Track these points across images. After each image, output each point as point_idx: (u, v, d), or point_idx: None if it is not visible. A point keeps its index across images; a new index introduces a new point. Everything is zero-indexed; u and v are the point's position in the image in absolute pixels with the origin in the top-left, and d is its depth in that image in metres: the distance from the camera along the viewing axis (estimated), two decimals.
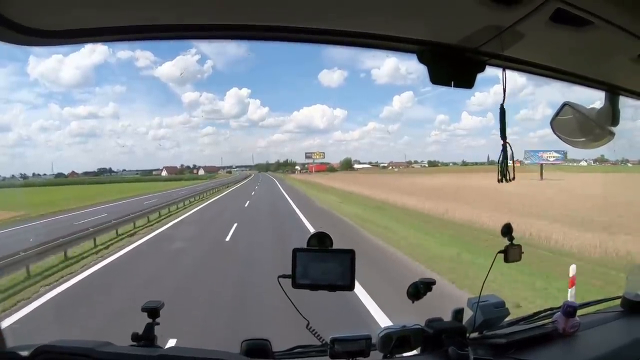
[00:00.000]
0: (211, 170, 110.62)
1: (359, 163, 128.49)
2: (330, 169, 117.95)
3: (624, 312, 1.49)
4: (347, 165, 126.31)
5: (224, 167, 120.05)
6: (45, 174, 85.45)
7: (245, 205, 22.25)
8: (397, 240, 10.83)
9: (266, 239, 11.55)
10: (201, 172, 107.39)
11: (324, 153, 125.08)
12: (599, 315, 1.48)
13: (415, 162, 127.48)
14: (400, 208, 19.85)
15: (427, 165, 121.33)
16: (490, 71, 1.10)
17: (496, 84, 1.20)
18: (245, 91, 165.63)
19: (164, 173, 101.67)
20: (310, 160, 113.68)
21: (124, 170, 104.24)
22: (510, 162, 1.04)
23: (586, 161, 70.94)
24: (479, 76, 1.08)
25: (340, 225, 13.84)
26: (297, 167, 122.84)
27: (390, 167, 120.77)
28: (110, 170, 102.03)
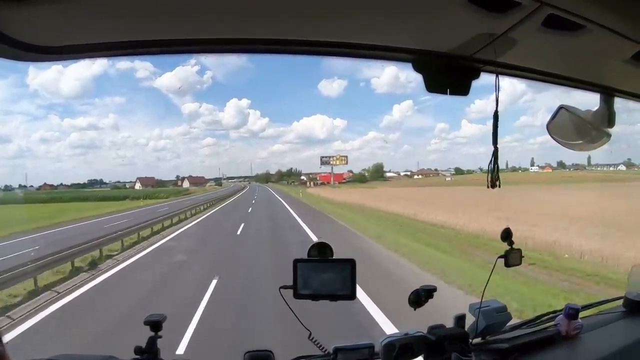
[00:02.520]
0: (197, 182, 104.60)
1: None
2: (359, 178, 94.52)
3: (626, 313, 1.55)
4: (378, 173, 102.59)
5: (216, 179, 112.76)
6: (32, 186, 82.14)
7: None
8: None
9: None
10: (185, 184, 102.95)
11: (346, 157, 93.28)
12: (601, 317, 1.54)
13: (446, 170, 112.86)
14: None
15: (454, 173, 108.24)
16: (490, 78, 1.14)
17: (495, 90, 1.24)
18: (245, 102, 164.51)
19: (137, 186, 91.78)
20: (327, 168, 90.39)
21: (118, 181, 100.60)
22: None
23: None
24: (478, 83, 1.13)
25: None
26: (303, 177, 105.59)
27: (418, 176, 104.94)
28: (101, 182, 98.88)
